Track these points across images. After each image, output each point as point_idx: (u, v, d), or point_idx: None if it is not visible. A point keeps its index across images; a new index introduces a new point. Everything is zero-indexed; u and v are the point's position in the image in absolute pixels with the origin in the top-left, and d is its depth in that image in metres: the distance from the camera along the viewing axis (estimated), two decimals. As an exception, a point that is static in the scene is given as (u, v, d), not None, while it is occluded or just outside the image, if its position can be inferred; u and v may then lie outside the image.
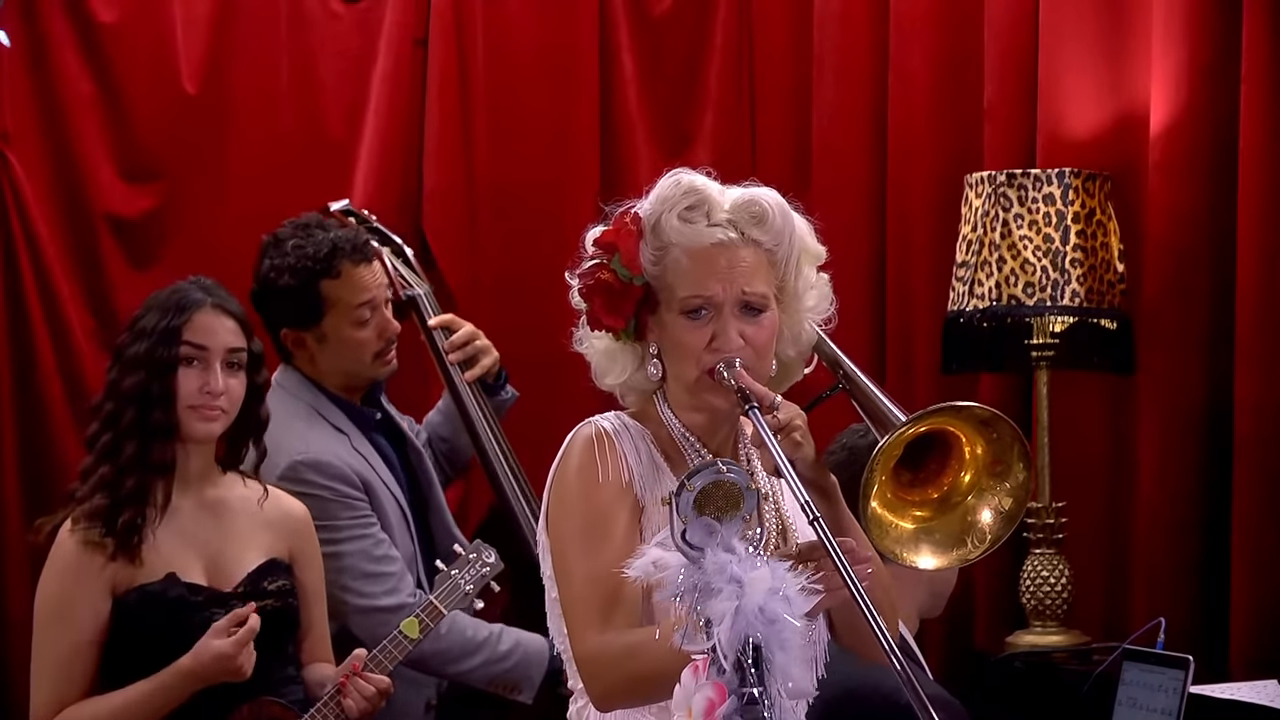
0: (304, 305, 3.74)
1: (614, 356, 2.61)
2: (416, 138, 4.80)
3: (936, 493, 2.60)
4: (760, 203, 2.53)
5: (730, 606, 1.99)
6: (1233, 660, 3.93)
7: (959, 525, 2.58)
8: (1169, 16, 4.13)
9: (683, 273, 2.51)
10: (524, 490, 4.04)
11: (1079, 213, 4.07)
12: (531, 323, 4.74)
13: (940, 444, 2.59)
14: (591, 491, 2.49)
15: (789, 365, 2.63)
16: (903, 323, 4.62)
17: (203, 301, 3.32)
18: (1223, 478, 4.04)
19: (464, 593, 3.49)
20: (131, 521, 3.23)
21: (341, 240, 3.77)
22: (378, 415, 3.89)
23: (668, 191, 2.54)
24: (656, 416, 2.59)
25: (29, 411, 4.51)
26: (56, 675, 3.26)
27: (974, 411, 2.57)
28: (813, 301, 2.62)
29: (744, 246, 2.52)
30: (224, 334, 3.31)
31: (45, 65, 4.58)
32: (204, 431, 3.30)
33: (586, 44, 4.89)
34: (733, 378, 2.47)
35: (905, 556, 2.56)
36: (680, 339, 2.52)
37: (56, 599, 3.28)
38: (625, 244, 2.52)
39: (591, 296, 2.55)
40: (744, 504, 2.07)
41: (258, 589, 3.31)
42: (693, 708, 2.04)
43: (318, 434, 3.71)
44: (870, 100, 4.72)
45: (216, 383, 3.27)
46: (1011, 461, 2.56)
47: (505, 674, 3.75)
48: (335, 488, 3.65)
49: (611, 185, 4.84)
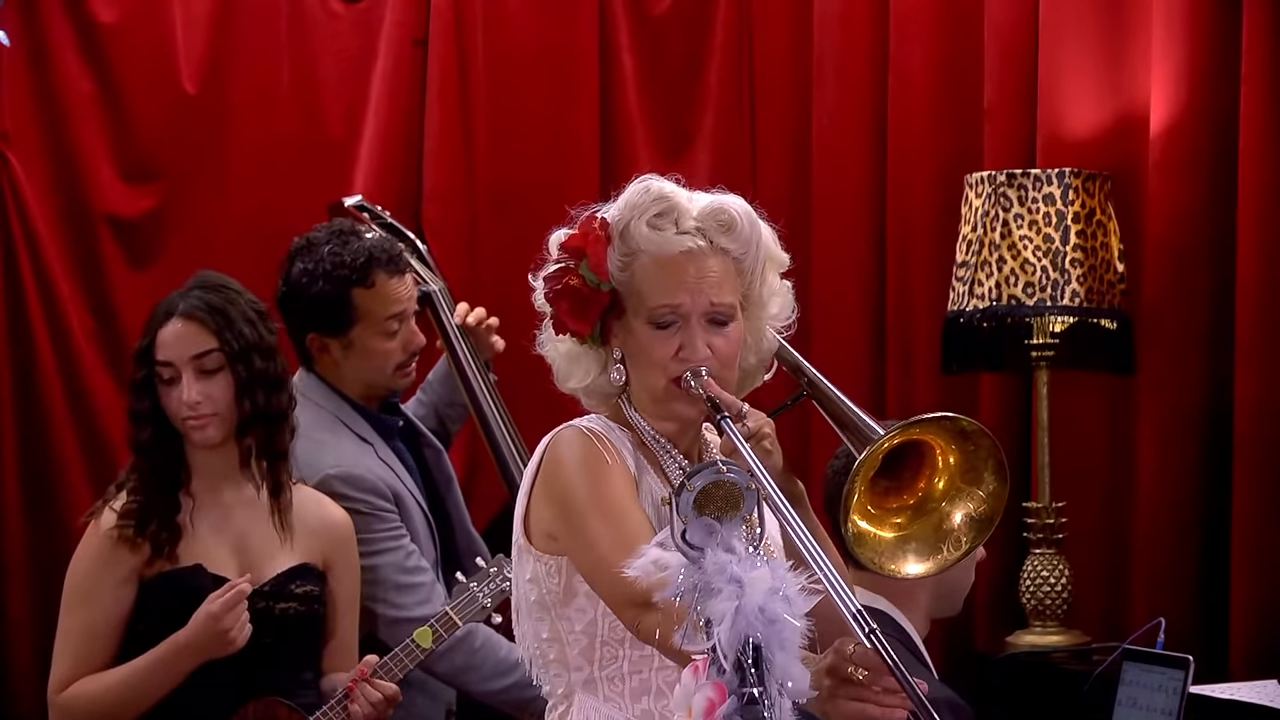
0: (335, 313, 3.70)
1: (577, 360, 2.58)
2: (416, 138, 4.81)
3: (912, 499, 2.58)
4: (728, 210, 2.52)
5: (730, 606, 1.98)
6: (1233, 660, 3.93)
7: (934, 531, 2.56)
8: (1169, 16, 4.13)
9: (650, 281, 2.50)
10: None
11: (1079, 213, 4.08)
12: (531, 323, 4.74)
13: (914, 451, 2.58)
14: (600, 469, 2.46)
15: (750, 372, 2.62)
16: (903, 323, 4.62)
17: (171, 312, 3.32)
18: (1223, 478, 4.04)
19: (481, 606, 3.49)
20: (157, 531, 3.28)
21: (377, 250, 3.72)
22: (400, 423, 3.88)
23: (636, 198, 2.53)
24: (626, 420, 2.57)
25: (29, 411, 4.51)
26: (76, 652, 3.30)
27: (958, 423, 2.55)
28: (776, 309, 2.60)
29: (712, 255, 2.50)
30: (187, 343, 3.30)
31: (45, 65, 4.58)
32: (201, 439, 3.32)
33: (586, 44, 4.89)
34: (701, 387, 2.45)
35: (889, 567, 2.55)
36: (647, 348, 2.50)
37: (84, 578, 3.32)
38: (593, 249, 2.51)
39: (558, 301, 2.53)
40: (744, 504, 2.06)
41: (284, 590, 3.32)
42: (693, 708, 2.03)
43: (346, 446, 3.69)
44: (870, 100, 4.72)
45: (189, 394, 3.28)
46: (983, 472, 2.55)
47: (535, 700, 3.72)
48: (369, 500, 3.63)
49: (611, 185, 4.81)
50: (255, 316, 3.37)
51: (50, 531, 4.45)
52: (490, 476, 4.36)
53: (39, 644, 4.20)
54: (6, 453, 4.48)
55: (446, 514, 3.91)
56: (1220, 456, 4.06)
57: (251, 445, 3.34)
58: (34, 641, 4.35)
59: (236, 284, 3.42)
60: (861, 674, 2.12)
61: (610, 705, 2.51)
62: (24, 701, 4.38)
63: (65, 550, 3.47)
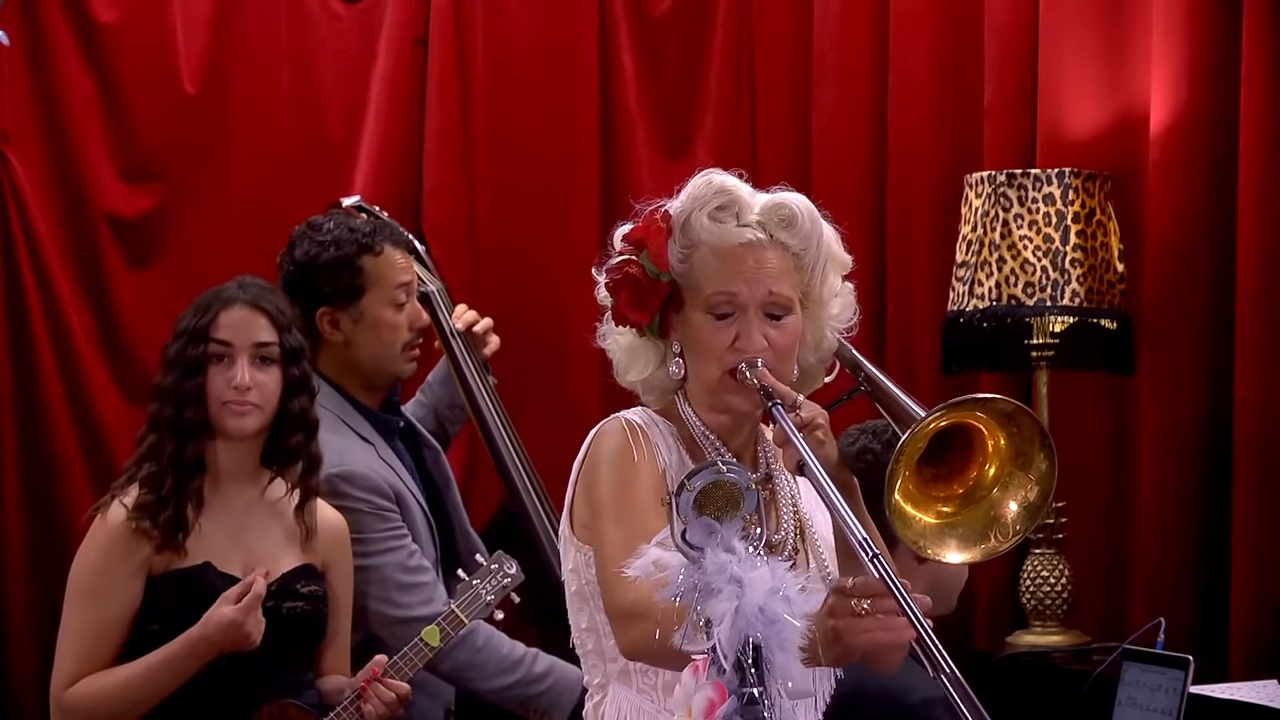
0: (346, 280, 3.73)
1: (636, 353, 2.61)
2: (416, 138, 4.81)
3: (961, 488, 2.57)
4: (790, 206, 2.55)
5: (730, 606, 1.99)
6: (1233, 660, 3.93)
7: (983, 520, 2.55)
8: (1169, 16, 4.13)
9: (709, 271, 2.52)
10: (536, 487, 4.04)
11: (1079, 213, 4.08)
12: (531, 322, 4.75)
13: (963, 439, 2.57)
14: (627, 468, 2.49)
15: (810, 371, 2.64)
16: (903, 323, 4.62)
17: (234, 299, 3.34)
18: (1223, 478, 4.04)
19: (485, 603, 3.52)
20: (172, 519, 3.26)
21: (381, 224, 3.83)
22: (401, 423, 3.89)
23: (699, 190, 2.55)
24: (678, 415, 2.59)
25: (29, 411, 4.51)
26: (80, 649, 3.28)
27: (997, 404, 2.55)
28: (837, 309, 2.62)
29: (771, 248, 2.53)
30: (252, 329, 3.32)
31: (45, 65, 4.58)
32: (237, 427, 3.31)
33: (586, 44, 4.89)
34: (755, 377, 2.47)
35: (931, 550, 2.54)
36: (704, 338, 2.53)
37: (91, 574, 3.30)
38: (654, 240, 2.54)
39: (618, 291, 2.56)
40: (744, 504, 2.06)
41: (290, 590, 3.33)
42: (693, 708, 2.04)
43: (349, 445, 3.70)
44: (870, 100, 4.72)
45: (243, 377, 3.28)
46: (1033, 453, 2.55)
47: (538, 697, 3.74)
48: (370, 500, 3.64)
49: (611, 185, 4.85)
50: (299, 324, 3.42)
51: (50, 531, 4.45)
52: (488, 477, 4.37)
53: (39, 644, 4.20)
54: (6, 453, 4.48)
55: (446, 514, 3.92)
56: (1220, 456, 4.06)
57: (292, 447, 3.35)
58: (34, 641, 4.35)
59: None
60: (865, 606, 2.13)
61: (643, 697, 2.53)
62: (24, 701, 4.38)
63: (65, 550, 3.48)
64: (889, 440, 2.87)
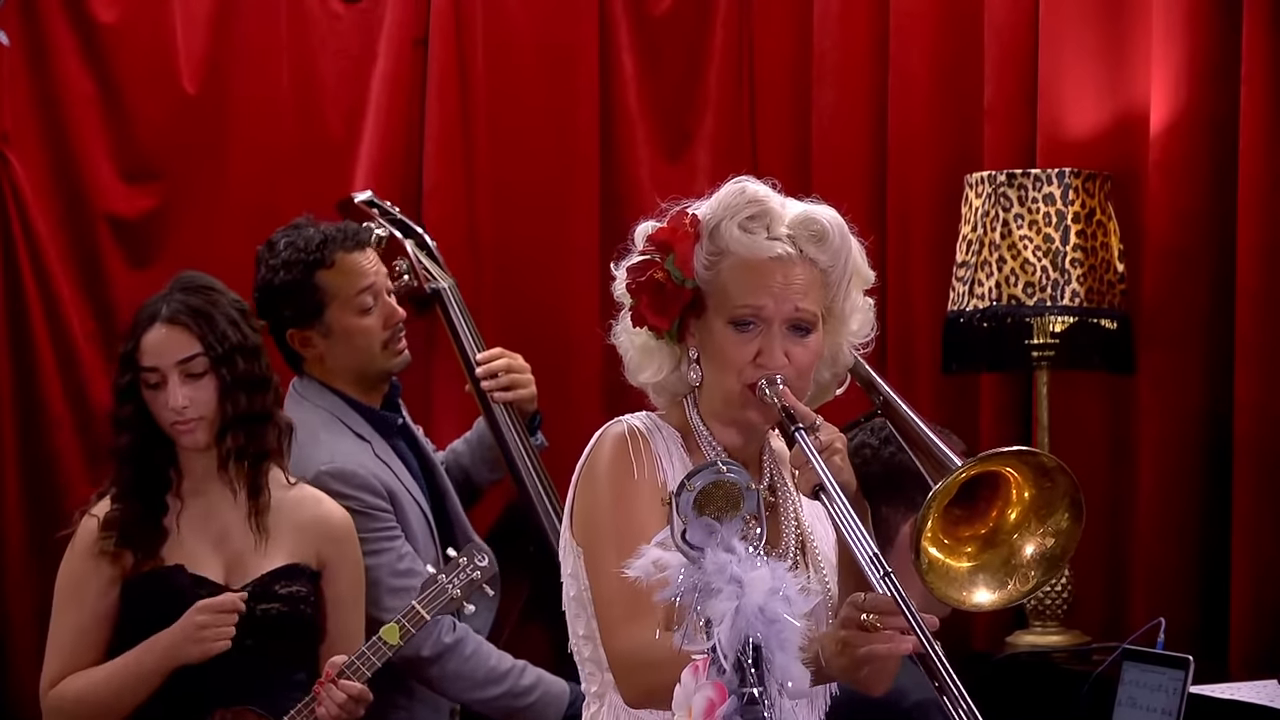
0: (303, 300, 3.71)
1: (651, 354, 2.57)
2: (416, 137, 4.80)
3: (984, 528, 2.51)
4: (821, 221, 2.51)
5: (730, 606, 1.98)
6: (1233, 660, 3.93)
7: (1003, 563, 2.50)
8: (1169, 16, 4.13)
9: (737, 282, 2.49)
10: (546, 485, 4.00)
11: (1079, 213, 4.08)
12: (531, 322, 4.75)
13: (988, 480, 2.51)
14: (625, 488, 2.47)
15: (824, 386, 2.61)
16: (903, 323, 4.62)
17: (156, 316, 3.34)
18: (1223, 478, 4.04)
19: (450, 597, 3.39)
20: (142, 537, 3.31)
21: (332, 231, 3.76)
22: (399, 420, 3.87)
23: (731, 199, 2.51)
24: (684, 420, 2.57)
25: (29, 411, 4.51)
26: (64, 650, 3.37)
27: (1038, 458, 2.49)
28: (856, 325, 2.58)
29: (800, 264, 2.50)
30: (173, 348, 3.32)
31: (45, 65, 4.58)
32: (189, 443, 3.35)
33: (586, 44, 4.89)
34: (776, 396, 2.44)
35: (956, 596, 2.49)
36: (725, 349, 2.50)
37: (69, 580, 3.39)
38: (681, 245, 2.50)
39: (640, 294, 2.52)
40: (744, 504, 2.06)
41: (267, 591, 3.32)
42: (693, 708, 2.04)
43: (342, 442, 3.68)
44: (870, 100, 4.72)
45: (175, 399, 3.30)
46: (1058, 509, 2.48)
47: (524, 710, 3.70)
48: (361, 498, 3.61)
49: (611, 185, 4.84)
50: (238, 316, 3.38)
51: (50, 531, 4.43)
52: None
53: (39, 644, 4.17)
54: (6, 453, 4.47)
55: (447, 515, 3.90)
56: (1220, 456, 4.06)
57: (232, 448, 3.34)
58: (34, 641, 4.33)
59: (219, 283, 3.43)
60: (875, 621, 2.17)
61: None
62: (24, 701, 4.38)
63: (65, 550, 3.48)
64: (887, 437, 2.86)
